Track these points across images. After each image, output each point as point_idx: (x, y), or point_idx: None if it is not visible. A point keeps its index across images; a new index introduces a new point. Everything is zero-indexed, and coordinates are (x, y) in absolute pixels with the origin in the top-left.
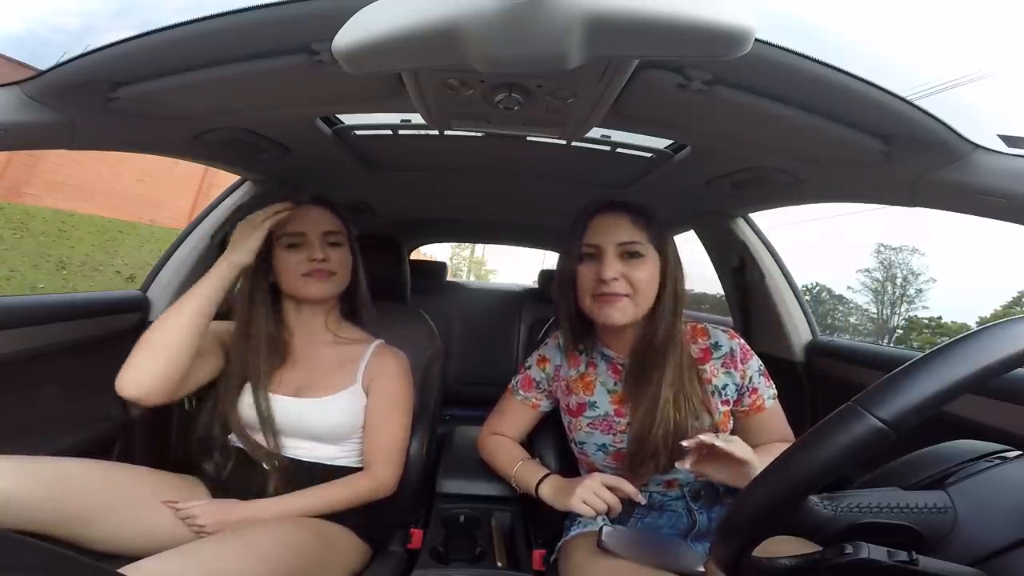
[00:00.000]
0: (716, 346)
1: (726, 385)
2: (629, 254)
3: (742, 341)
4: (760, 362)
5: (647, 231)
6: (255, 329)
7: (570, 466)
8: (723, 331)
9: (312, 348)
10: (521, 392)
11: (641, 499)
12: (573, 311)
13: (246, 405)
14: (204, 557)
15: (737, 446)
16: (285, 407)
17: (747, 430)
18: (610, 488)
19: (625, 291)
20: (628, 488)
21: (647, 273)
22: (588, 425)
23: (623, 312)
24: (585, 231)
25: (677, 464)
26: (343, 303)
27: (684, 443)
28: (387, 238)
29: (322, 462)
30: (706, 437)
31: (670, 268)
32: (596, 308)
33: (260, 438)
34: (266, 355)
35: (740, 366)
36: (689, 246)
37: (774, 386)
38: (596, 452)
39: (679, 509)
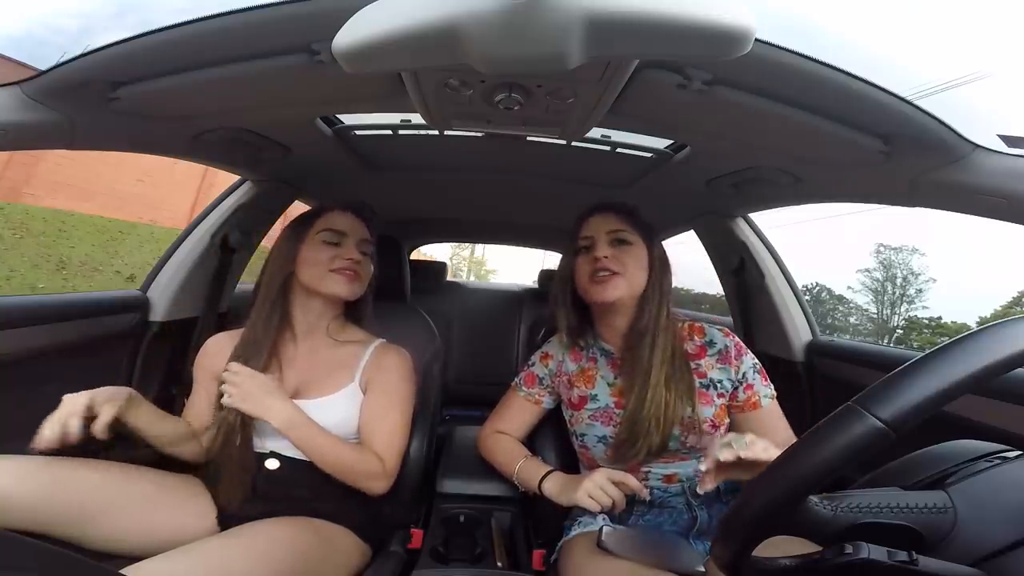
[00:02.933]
0: (711, 343)
1: (720, 380)
2: (619, 240)
3: (737, 339)
4: (756, 361)
5: (634, 224)
6: (261, 326)
7: (571, 465)
8: (719, 330)
9: (313, 348)
10: (524, 388)
11: (646, 494)
12: (571, 304)
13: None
14: (205, 557)
15: (759, 447)
16: None
17: (746, 430)
18: (615, 483)
19: (616, 268)
20: (633, 483)
21: (635, 258)
22: (589, 417)
23: (614, 288)
24: (580, 230)
25: (699, 489)
26: (348, 308)
27: (701, 467)
28: (387, 238)
29: None
30: (723, 454)
31: (656, 262)
32: (591, 288)
33: (255, 441)
34: (258, 360)
35: (734, 362)
36: (689, 246)
37: (772, 388)
38: (596, 444)
39: (679, 506)
